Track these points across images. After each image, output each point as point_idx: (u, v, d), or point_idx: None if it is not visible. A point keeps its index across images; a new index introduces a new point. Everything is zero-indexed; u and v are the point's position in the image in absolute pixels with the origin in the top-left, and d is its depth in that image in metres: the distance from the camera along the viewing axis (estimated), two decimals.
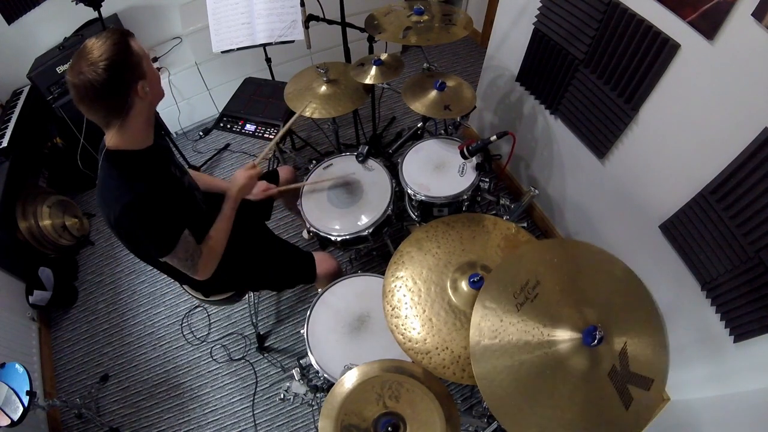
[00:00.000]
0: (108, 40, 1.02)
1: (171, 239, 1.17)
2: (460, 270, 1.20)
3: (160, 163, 1.24)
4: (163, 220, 1.15)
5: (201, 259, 1.28)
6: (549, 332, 0.94)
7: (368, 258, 2.30)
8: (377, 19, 1.80)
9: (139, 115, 1.11)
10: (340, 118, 1.97)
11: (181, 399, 2.04)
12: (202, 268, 1.29)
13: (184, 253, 1.21)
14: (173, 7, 2.72)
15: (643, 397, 0.89)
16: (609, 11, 1.42)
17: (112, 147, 1.13)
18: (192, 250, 1.24)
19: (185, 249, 1.21)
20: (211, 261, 1.32)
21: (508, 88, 2.19)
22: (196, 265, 1.27)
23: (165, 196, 1.16)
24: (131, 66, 1.05)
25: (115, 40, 1.03)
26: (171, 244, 1.17)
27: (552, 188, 2.15)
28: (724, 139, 1.20)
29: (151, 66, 1.12)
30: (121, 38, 1.04)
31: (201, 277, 1.31)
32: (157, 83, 1.16)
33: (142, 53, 1.09)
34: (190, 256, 1.23)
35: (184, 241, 1.20)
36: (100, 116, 1.08)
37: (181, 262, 1.22)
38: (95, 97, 1.02)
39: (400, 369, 1.10)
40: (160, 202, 1.14)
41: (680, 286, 1.49)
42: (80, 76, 0.99)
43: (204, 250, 1.30)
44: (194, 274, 1.29)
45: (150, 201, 1.12)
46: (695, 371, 1.54)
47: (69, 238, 2.46)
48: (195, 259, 1.26)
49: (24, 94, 2.43)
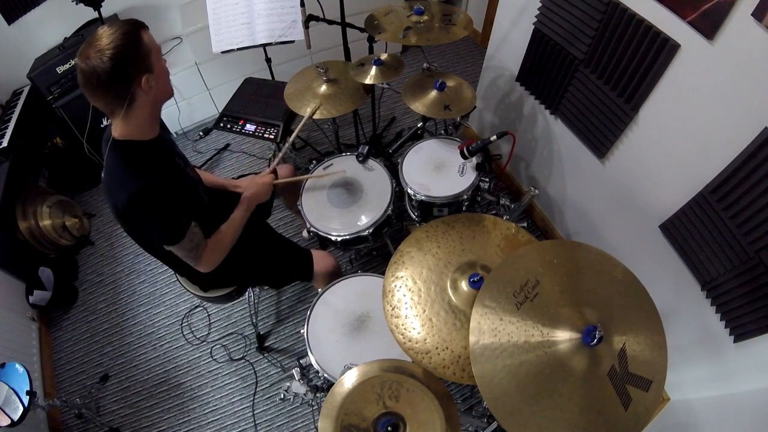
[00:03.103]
0: (119, 30, 1.03)
1: (179, 229, 1.18)
2: (460, 270, 1.20)
3: (165, 153, 1.25)
4: (171, 210, 1.16)
5: (206, 251, 1.29)
6: (549, 332, 0.94)
7: (368, 258, 2.30)
8: (377, 19, 1.80)
9: (142, 108, 1.11)
10: (340, 118, 1.97)
11: (181, 399, 2.04)
12: (205, 261, 1.30)
13: (189, 244, 1.22)
14: (173, 7, 2.72)
15: (641, 398, 0.90)
16: (609, 11, 1.42)
17: (118, 136, 1.14)
18: (197, 241, 1.25)
19: (191, 239, 1.22)
20: (215, 255, 1.34)
21: (508, 88, 2.19)
22: (200, 257, 1.28)
23: (171, 187, 1.17)
24: (137, 58, 1.05)
25: (125, 30, 1.03)
26: (180, 234, 1.18)
27: (552, 188, 2.15)
28: (724, 138, 1.20)
29: (160, 61, 1.12)
30: (132, 29, 1.05)
31: (203, 269, 1.33)
32: (164, 79, 1.16)
33: (152, 46, 1.09)
34: (195, 247, 1.25)
35: (191, 232, 1.21)
36: (102, 104, 1.08)
37: (186, 252, 1.24)
38: (98, 85, 1.02)
39: (400, 369, 1.10)
40: (167, 192, 1.15)
41: (680, 286, 1.49)
42: (87, 61, 1.00)
43: (210, 243, 1.31)
44: (197, 265, 1.30)
45: (158, 190, 1.13)
46: (695, 371, 1.54)
47: (69, 238, 2.46)
48: (199, 251, 1.27)
49: (24, 94, 2.42)
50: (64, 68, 2.30)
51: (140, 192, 1.10)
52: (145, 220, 1.15)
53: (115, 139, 1.14)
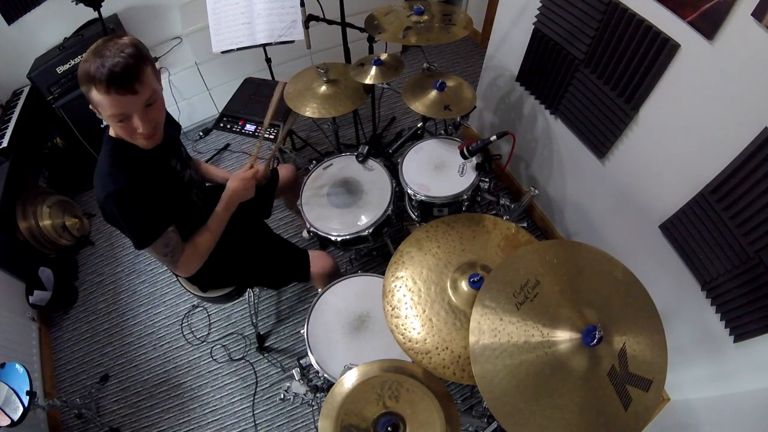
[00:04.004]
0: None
1: (150, 233, 1.17)
2: (460, 270, 1.20)
3: (158, 156, 1.24)
4: (144, 214, 1.15)
5: (183, 255, 1.28)
6: (549, 332, 0.94)
7: (368, 258, 2.30)
8: (377, 19, 1.80)
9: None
10: (340, 118, 1.97)
11: (181, 399, 2.04)
12: (183, 265, 1.29)
13: (163, 249, 1.21)
14: (173, 7, 2.72)
15: (641, 398, 0.89)
16: (609, 11, 1.42)
17: (114, 134, 1.15)
18: (173, 246, 1.24)
19: (165, 244, 1.21)
20: (193, 260, 1.32)
21: (508, 88, 2.19)
22: (177, 262, 1.27)
23: (152, 191, 1.16)
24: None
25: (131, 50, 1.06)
26: (149, 239, 1.17)
27: (552, 188, 2.15)
28: (724, 138, 1.20)
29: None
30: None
31: (182, 273, 1.33)
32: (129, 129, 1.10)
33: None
34: (170, 252, 1.23)
35: (166, 237, 1.20)
36: (151, 80, 1.09)
37: (160, 256, 1.23)
38: (139, 61, 1.03)
39: (400, 369, 1.10)
40: (144, 196, 1.14)
41: (680, 286, 1.49)
42: (115, 56, 0.99)
43: (187, 248, 1.29)
44: (174, 269, 1.30)
45: (131, 194, 1.12)
46: (695, 371, 1.54)
47: (69, 238, 2.46)
48: (176, 255, 1.26)
49: (24, 94, 2.43)
50: (64, 68, 2.30)
51: (113, 194, 1.11)
52: (118, 221, 1.15)
53: (110, 136, 1.15)
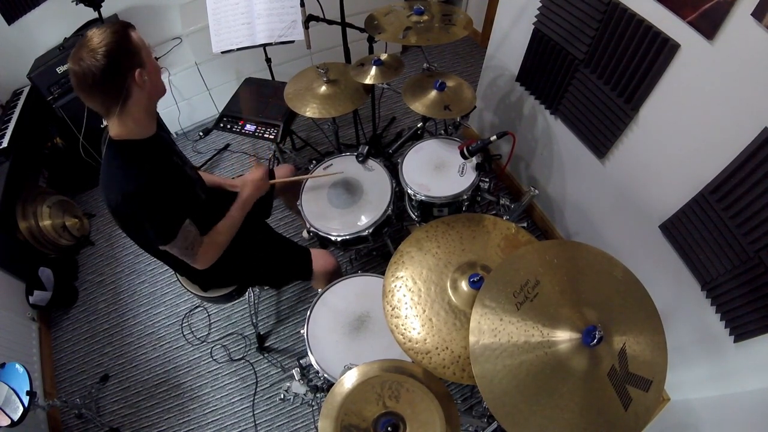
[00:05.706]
0: (107, 30, 1.05)
1: (172, 228, 1.19)
2: (460, 270, 1.20)
3: (162, 152, 1.26)
4: (164, 209, 1.17)
5: (202, 248, 1.30)
6: (549, 332, 0.94)
7: (368, 258, 2.30)
8: (377, 19, 1.80)
9: (137, 104, 1.12)
10: (340, 118, 1.97)
11: (181, 399, 2.04)
12: (201, 258, 1.31)
13: (183, 242, 1.23)
14: (173, 7, 2.72)
15: (641, 398, 0.90)
16: (609, 11, 1.42)
17: (114, 136, 1.15)
18: (192, 239, 1.26)
19: (185, 238, 1.23)
20: (211, 252, 1.34)
21: (508, 88, 2.19)
22: (196, 254, 1.29)
23: (167, 186, 1.18)
24: (129, 53, 1.07)
25: (114, 29, 1.06)
26: (172, 233, 1.19)
27: (552, 188, 2.15)
28: (724, 139, 1.20)
29: (151, 58, 1.14)
30: (121, 28, 1.08)
31: (200, 266, 1.33)
32: (157, 75, 1.17)
33: (141, 44, 1.11)
34: (190, 245, 1.25)
35: (185, 230, 1.22)
36: (98, 103, 1.09)
37: (181, 250, 1.24)
38: (93, 84, 1.04)
39: (400, 369, 1.10)
40: (162, 191, 1.16)
41: (680, 286, 1.49)
42: (80, 62, 1.02)
43: (206, 240, 1.32)
44: (193, 262, 1.31)
45: (152, 190, 1.14)
46: (695, 371, 1.54)
47: (69, 238, 2.46)
48: (195, 248, 1.27)
49: (24, 94, 2.42)
50: (64, 68, 2.30)
51: (134, 192, 1.12)
52: (139, 220, 1.16)
53: (112, 139, 1.15)
